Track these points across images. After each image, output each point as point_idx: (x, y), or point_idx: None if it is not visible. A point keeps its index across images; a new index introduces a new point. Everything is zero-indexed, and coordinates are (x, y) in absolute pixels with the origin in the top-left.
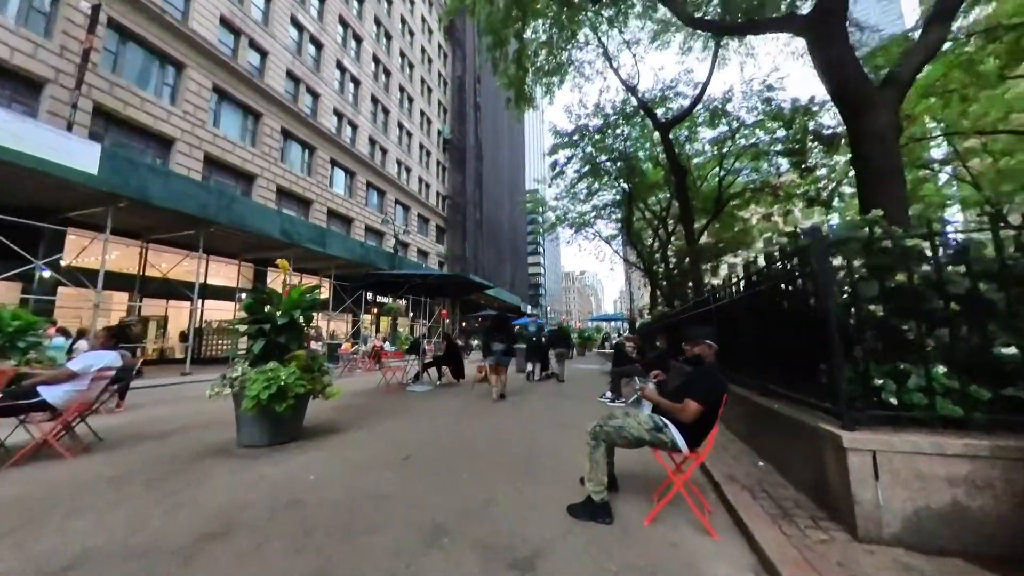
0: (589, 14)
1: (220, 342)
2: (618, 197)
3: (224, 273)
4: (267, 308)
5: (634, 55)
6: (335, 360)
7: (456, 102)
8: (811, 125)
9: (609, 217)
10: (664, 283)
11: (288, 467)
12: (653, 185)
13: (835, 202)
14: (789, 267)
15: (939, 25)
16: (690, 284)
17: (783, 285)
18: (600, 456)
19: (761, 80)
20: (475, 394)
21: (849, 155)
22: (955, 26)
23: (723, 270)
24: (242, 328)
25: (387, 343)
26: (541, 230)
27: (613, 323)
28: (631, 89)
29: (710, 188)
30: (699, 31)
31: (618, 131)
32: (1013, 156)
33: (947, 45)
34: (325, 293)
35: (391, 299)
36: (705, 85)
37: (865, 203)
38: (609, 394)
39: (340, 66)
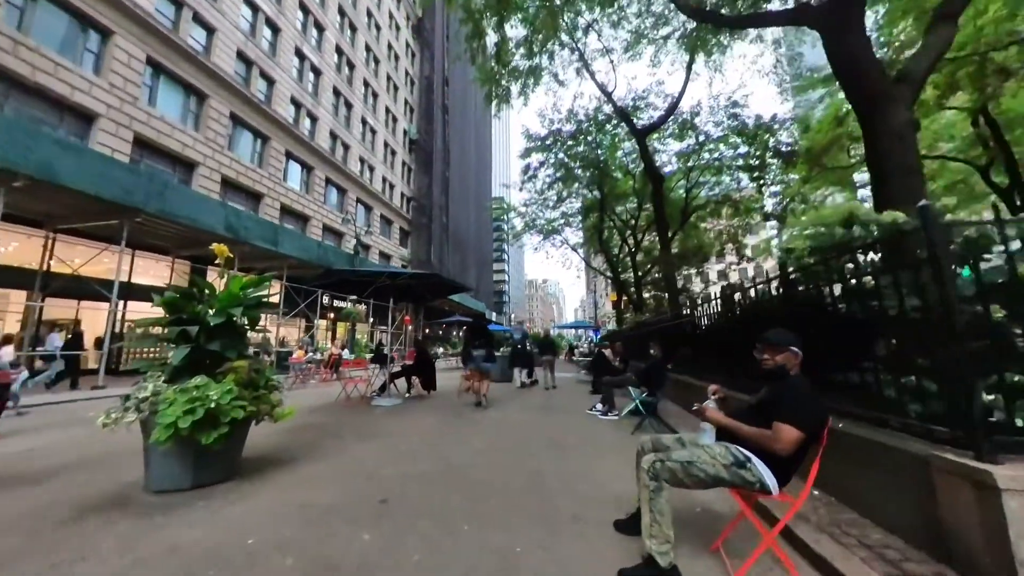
0: (566, 17)
1: (148, 349)
2: (588, 204)
3: (155, 271)
4: (197, 306)
5: (611, 61)
6: (285, 370)
7: (424, 103)
8: (771, 142)
9: (577, 225)
10: (633, 290)
11: (215, 526)
12: (622, 194)
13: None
14: (865, 260)
15: (946, 25)
16: (664, 293)
17: (852, 280)
18: (664, 503)
19: (727, 96)
20: (452, 408)
21: (797, 175)
22: (907, 53)
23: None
24: (164, 331)
25: (346, 350)
26: (507, 236)
27: (580, 330)
28: (607, 94)
29: (677, 198)
30: (699, 19)
31: (589, 138)
32: (937, 180)
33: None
34: (276, 296)
35: (350, 303)
36: (680, 95)
37: (881, 201)
38: (600, 406)
39: (299, 53)
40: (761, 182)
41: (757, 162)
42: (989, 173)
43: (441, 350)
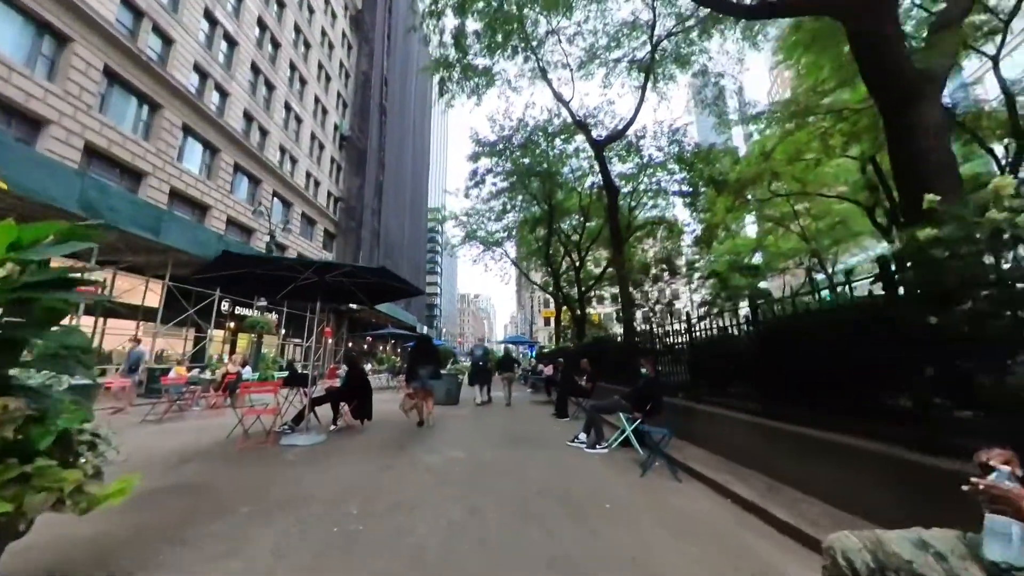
0: (526, 23)
1: None
2: (536, 217)
3: None
4: None
5: (570, 69)
6: (156, 393)
7: (359, 99)
8: (706, 172)
9: (520, 239)
10: (576, 306)
11: None
12: (565, 211)
13: (714, 243)
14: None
15: (949, 32)
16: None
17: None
18: None
19: (670, 124)
20: (396, 444)
21: (723, 204)
22: (826, 100)
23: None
24: None
25: (247, 368)
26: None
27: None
28: (564, 103)
29: (620, 217)
30: (721, 11)
31: (538, 151)
32: (823, 219)
33: (810, 119)
34: (155, 299)
35: (257, 312)
36: (637, 109)
37: (916, 204)
38: (583, 436)
39: (209, 16)
40: (694, 209)
41: (691, 188)
42: (874, 213)
43: (369, 366)
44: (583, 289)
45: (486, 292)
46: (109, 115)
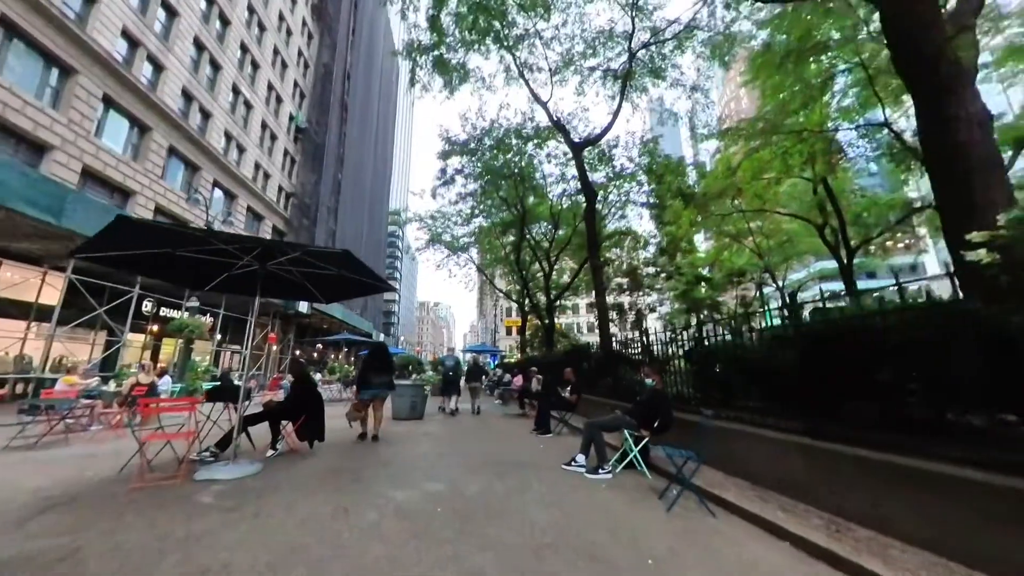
0: (504, 22)
1: None
2: (507, 220)
3: None
4: None
5: (549, 70)
6: (36, 410)
7: (318, 92)
8: (675, 184)
9: (488, 245)
10: (545, 314)
11: None
12: (535, 219)
13: (678, 256)
14: None
15: (965, 33)
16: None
17: None
18: None
19: (641, 136)
20: (351, 477)
21: (688, 217)
22: (788, 120)
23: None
24: None
25: (165, 379)
26: (401, 253)
27: (483, 355)
28: (542, 103)
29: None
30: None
31: (511, 153)
32: (773, 237)
33: (774, 138)
34: (55, 296)
35: (186, 313)
36: (615, 114)
37: (953, 205)
38: (582, 458)
39: None
40: (660, 221)
41: (657, 200)
42: (824, 232)
43: (319, 376)
44: (552, 297)
45: (446, 300)
46: (7, 77)
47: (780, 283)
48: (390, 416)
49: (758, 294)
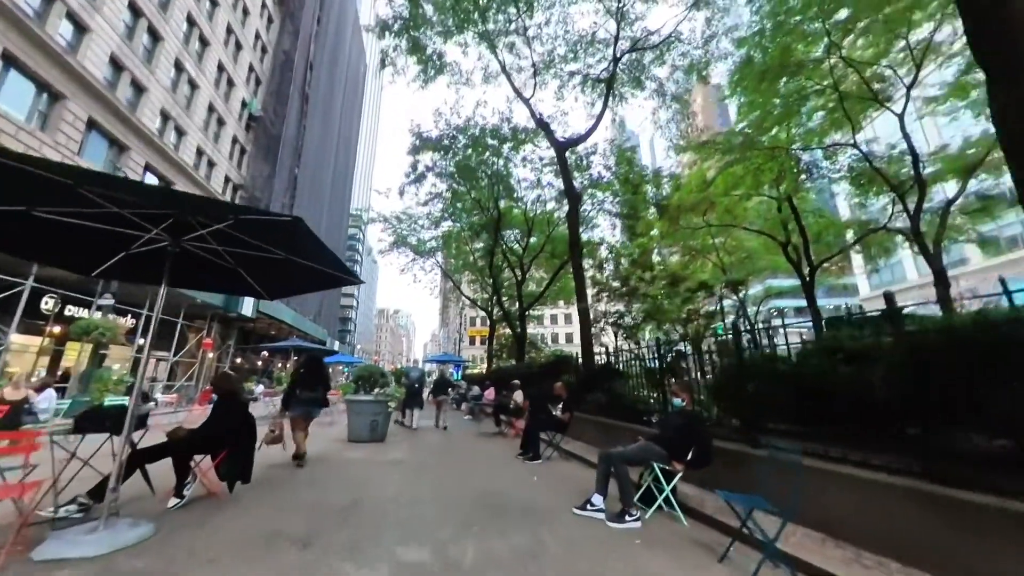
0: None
1: None
2: (483, 221)
3: None
4: None
5: (533, 65)
6: None
7: (277, 79)
8: (651, 193)
9: (456, 250)
10: (516, 324)
11: None
12: (513, 220)
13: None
14: None
15: None
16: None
17: None
18: None
19: (619, 144)
20: (294, 529)
21: (659, 229)
22: (763, 137)
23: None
24: None
25: (45, 394)
26: (361, 257)
27: (448, 365)
28: (525, 100)
29: (561, 235)
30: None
31: (487, 152)
32: (734, 254)
33: (748, 153)
34: None
35: (98, 311)
36: (599, 116)
37: None
38: (599, 500)
39: None
40: (632, 233)
41: (631, 211)
42: (787, 248)
43: (260, 388)
44: (524, 306)
45: (407, 308)
46: None
47: (742, 295)
48: (345, 439)
49: (719, 308)
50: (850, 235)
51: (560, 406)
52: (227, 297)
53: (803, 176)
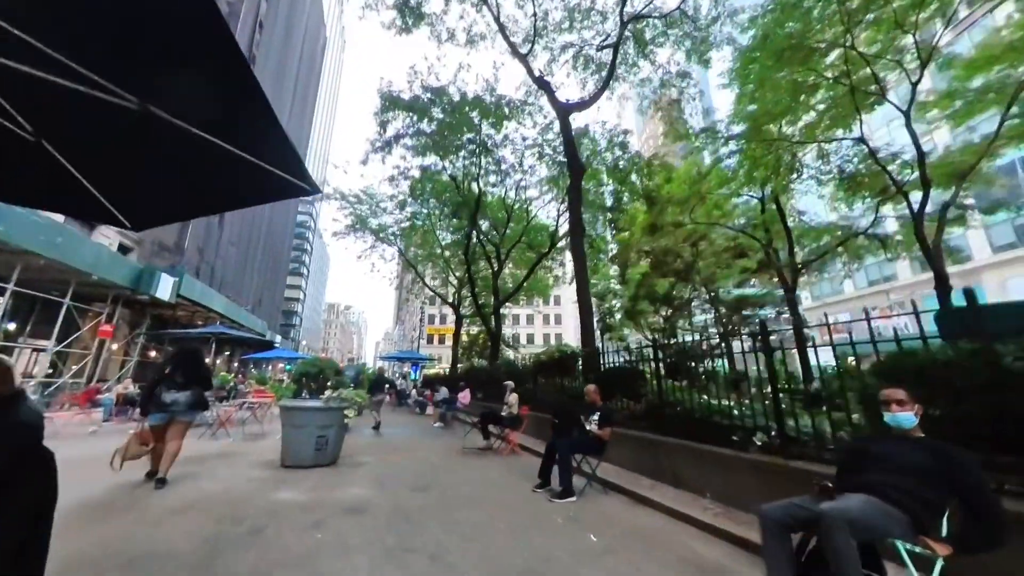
0: None
1: None
2: (462, 198)
3: None
4: None
5: (534, 14)
6: None
7: None
8: (640, 183)
9: (421, 239)
10: (491, 319)
11: None
12: (491, 206)
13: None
14: None
15: None
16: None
17: None
18: None
19: (611, 128)
20: None
21: (641, 226)
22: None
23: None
24: None
25: None
26: (311, 246)
27: (406, 363)
28: (522, 57)
29: (543, 225)
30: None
31: (467, 129)
32: (707, 258)
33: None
34: None
35: None
36: (606, 82)
37: None
38: None
39: None
40: (615, 227)
41: (616, 203)
42: (768, 251)
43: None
44: (500, 300)
45: (358, 305)
46: None
47: (712, 295)
48: (277, 462)
49: (686, 312)
50: (825, 239)
51: (595, 417)
52: (135, 273)
53: (793, 175)
